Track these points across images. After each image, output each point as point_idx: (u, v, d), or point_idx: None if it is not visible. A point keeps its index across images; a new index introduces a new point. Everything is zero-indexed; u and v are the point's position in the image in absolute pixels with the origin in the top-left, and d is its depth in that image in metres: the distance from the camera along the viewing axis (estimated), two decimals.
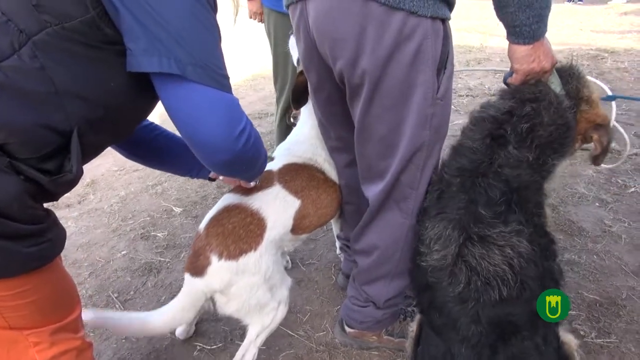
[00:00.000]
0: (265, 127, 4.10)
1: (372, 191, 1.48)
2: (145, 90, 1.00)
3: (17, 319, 0.98)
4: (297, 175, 1.65)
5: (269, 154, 3.60)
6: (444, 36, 1.24)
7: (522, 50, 1.27)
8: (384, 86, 1.25)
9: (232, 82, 1.03)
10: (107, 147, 1.13)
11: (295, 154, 1.73)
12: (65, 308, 1.08)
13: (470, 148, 1.31)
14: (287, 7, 1.39)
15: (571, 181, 2.84)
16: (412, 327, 1.46)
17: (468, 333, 1.20)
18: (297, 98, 1.72)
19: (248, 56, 6.78)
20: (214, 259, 1.41)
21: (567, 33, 7.46)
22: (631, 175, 2.86)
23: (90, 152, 1.05)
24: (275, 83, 2.64)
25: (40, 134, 0.87)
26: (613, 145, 3.17)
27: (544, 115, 1.28)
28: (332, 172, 1.76)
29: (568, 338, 1.30)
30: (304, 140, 1.77)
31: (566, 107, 1.32)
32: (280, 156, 1.72)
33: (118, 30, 0.89)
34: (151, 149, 1.42)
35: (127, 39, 0.88)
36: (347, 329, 1.72)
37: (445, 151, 1.44)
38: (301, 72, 1.65)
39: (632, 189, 2.70)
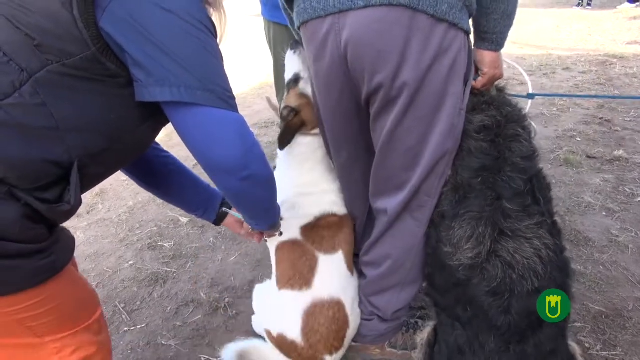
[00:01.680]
0: (272, 136, 4.12)
1: (390, 203, 1.48)
2: (147, 120, 1.02)
3: (39, 327, 1.01)
4: (321, 231, 1.67)
5: (273, 163, 3.61)
6: (469, 49, 1.33)
7: (492, 56, 1.40)
8: (420, 98, 1.27)
9: (239, 91, 1.05)
10: (109, 175, 1.15)
11: (309, 212, 1.70)
12: (84, 313, 1.11)
13: (481, 149, 1.37)
14: (306, 22, 1.33)
15: (577, 190, 2.82)
16: (423, 335, 1.50)
17: (498, 323, 1.26)
18: (287, 140, 1.67)
19: (255, 65, 6.84)
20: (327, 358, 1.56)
21: (575, 38, 7.43)
22: (639, 184, 2.83)
23: (92, 181, 1.08)
24: (277, 94, 2.66)
25: (40, 167, 0.90)
26: (621, 153, 3.17)
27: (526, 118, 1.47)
28: (342, 208, 1.76)
29: (572, 343, 1.37)
30: (311, 201, 1.73)
31: None
32: (292, 218, 1.67)
33: (121, 63, 0.92)
34: (163, 182, 1.44)
35: (136, 71, 0.91)
36: (351, 342, 1.72)
37: None
38: (295, 113, 1.65)
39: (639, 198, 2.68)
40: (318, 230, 1.67)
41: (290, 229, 1.65)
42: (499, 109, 1.40)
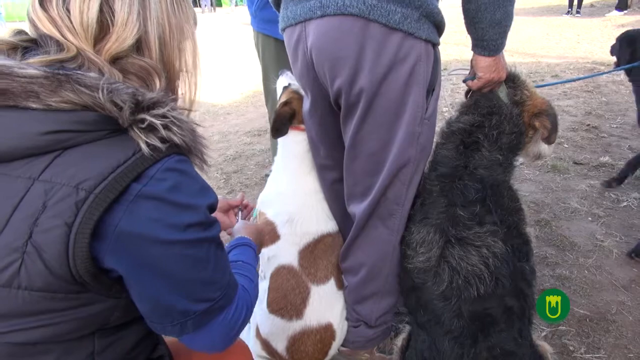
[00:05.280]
0: (265, 144, 4.16)
1: (359, 208, 1.52)
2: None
3: None
4: (318, 259, 1.64)
5: (266, 171, 3.59)
6: (434, 60, 1.34)
7: (486, 61, 1.41)
8: (378, 104, 1.32)
9: (232, 99, 1.01)
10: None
11: (308, 230, 1.67)
12: None
13: (445, 157, 1.44)
14: (284, 30, 1.43)
15: (564, 196, 2.87)
16: (398, 340, 1.54)
17: (451, 327, 1.30)
18: (278, 127, 1.70)
19: (248, 72, 6.88)
20: None
21: (564, 46, 7.54)
22: (624, 190, 2.88)
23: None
24: (267, 102, 2.71)
25: None
26: (607, 159, 3.22)
27: (506, 126, 1.45)
28: (335, 225, 1.74)
29: (542, 342, 1.40)
30: (310, 215, 1.69)
31: (516, 115, 1.50)
32: (290, 236, 1.64)
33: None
34: None
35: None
36: (339, 347, 1.74)
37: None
38: (285, 103, 1.70)
39: (625, 203, 2.73)
40: (315, 259, 1.63)
41: (288, 253, 1.61)
42: (484, 115, 1.45)
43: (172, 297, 0.77)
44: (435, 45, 1.34)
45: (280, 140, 1.77)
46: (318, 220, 1.69)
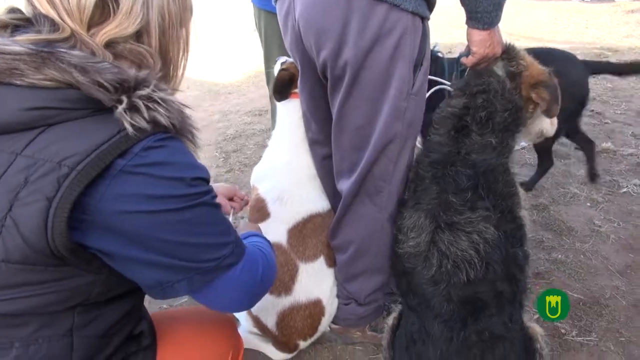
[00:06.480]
0: (265, 124, 4.14)
1: (345, 184, 1.51)
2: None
3: None
4: (307, 238, 1.64)
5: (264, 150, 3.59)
6: (422, 34, 1.32)
7: (480, 34, 1.37)
8: (363, 77, 1.31)
9: (234, 79, 1.01)
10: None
11: (298, 209, 1.66)
12: None
13: (438, 142, 1.42)
14: (276, 1, 1.43)
15: (563, 181, 2.85)
16: (389, 320, 1.54)
17: (441, 310, 1.30)
18: (280, 90, 1.69)
19: (250, 52, 6.81)
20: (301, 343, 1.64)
21: (572, 31, 7.41)
22: (625, 176, 2.86)
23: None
24: (268, 82, 2.67)
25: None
26: (609, 145, 3.18)
27: (496, 104, 1.40)
28: (326, 204, 1.73)
29: (532, 324, 1.39)
30: (300, 194, 1.68)
31: (510, 89, 1.44)
32: (280, 214, 1.64)
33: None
34: None
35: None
36: (331, 325, 1.76)
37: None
38: (283, 69, 1.69)
39: (624, 189, 2.71)
40: (304, 238, 1.63)
41: (276, 231, 1.60)
42: (472, 96, 1.41)
43: (170, 261, 0.78)
44: (424, 18, 1.31)
45: (278, 107, 1.76)
46: (308, 199, 1.68)
